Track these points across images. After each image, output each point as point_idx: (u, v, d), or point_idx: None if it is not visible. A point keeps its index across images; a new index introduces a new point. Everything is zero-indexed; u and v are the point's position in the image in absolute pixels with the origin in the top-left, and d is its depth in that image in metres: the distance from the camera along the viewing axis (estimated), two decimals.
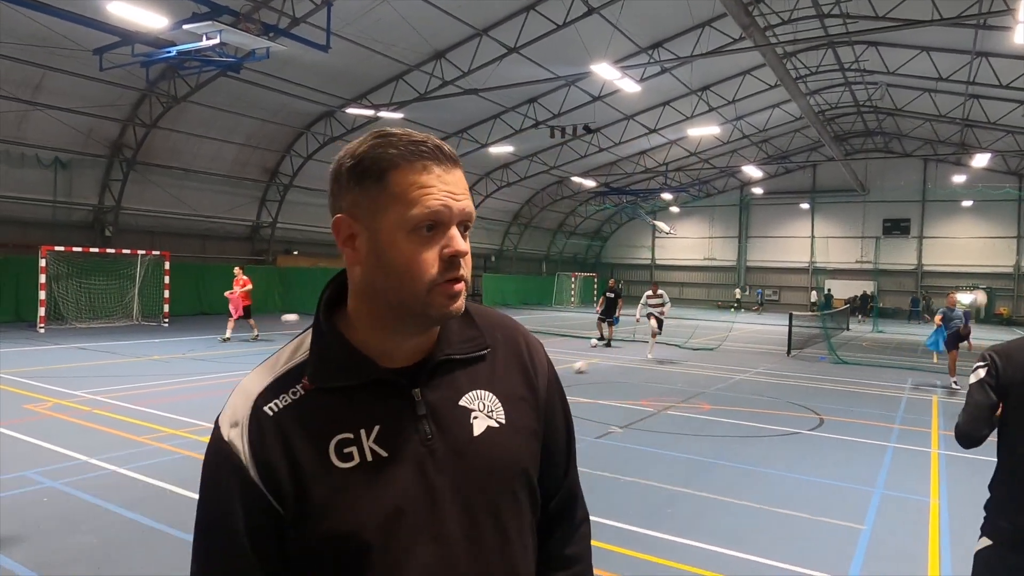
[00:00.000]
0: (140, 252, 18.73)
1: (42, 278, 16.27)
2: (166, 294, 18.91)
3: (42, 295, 16.22)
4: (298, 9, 15.19)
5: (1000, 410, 2.31)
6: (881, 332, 25.21)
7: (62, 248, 17.25)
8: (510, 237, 39.33)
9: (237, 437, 0.95)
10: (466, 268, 0.97)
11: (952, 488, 5.88)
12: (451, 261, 0.95)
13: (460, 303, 0.97)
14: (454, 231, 0.95)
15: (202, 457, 1.02)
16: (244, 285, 15.36)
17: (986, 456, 7.15)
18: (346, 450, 0.95)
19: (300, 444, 0.94)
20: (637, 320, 15.93)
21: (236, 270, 15.79)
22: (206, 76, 17.57)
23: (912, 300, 35.72)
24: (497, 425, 1.03)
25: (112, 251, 18.46)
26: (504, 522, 1.02)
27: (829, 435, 7.71)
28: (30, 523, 4.38)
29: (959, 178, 31.94)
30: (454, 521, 0.98)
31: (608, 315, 17.18)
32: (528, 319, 25.61)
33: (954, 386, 11.49)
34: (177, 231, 22.41)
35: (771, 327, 24.93)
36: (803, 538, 4.66)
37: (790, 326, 16.90)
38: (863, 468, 6.43)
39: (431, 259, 0.94)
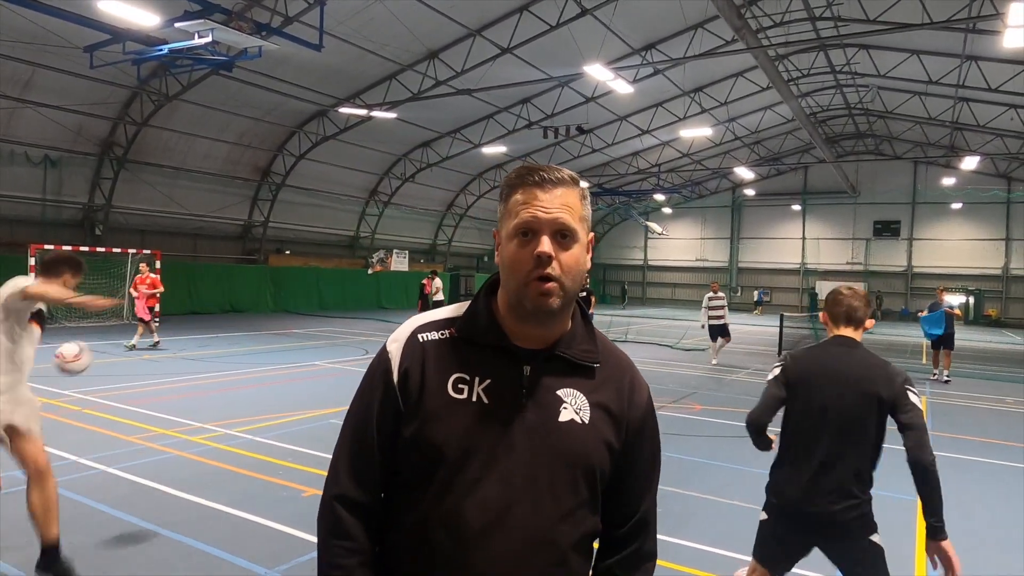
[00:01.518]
0: (131, 251, 18.61)
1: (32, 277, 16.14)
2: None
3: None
4: (291, 8, 15.14)
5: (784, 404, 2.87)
6: (870, 334, 25.37)
7: (52, 247, 17.11)
8: None
9: (395, 350, 1.27)
10: (562, 272, 1.18)
11: None
12: (538, 260, 1.17)
13: (552, 301, 1.18)
14: (544, 237, 1.18)
15: (193, 457, 1.04)
16: (153, 286, 13.37)
17: (973, 457, 7.18)
18: (460, 386, 1.22)
19: (432, 368, 1.23)
20: (703, 327, 14.61)
21: (142, 266, 13.65)
22: (198, 74, 17.49)
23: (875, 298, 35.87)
24: (580, 422, 1.24)
25: (102, 250, 18.35)
26: (560, 497, 1.21)
27: None
28: (19, 524, 4.36)
29: (949, 180, 32.17)
30: (520, 475, 1.19)
31: None
32: None
33: (942, 379, 12.42)
34: (168, 230, 22.30)
35: (762, 328, 25.04)
36: None
37: (781, 327, 16.98)
38: None
39: (526, 258, 1.18)
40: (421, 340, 1.26)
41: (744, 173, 33.39)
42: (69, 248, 17.17)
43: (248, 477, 5.50)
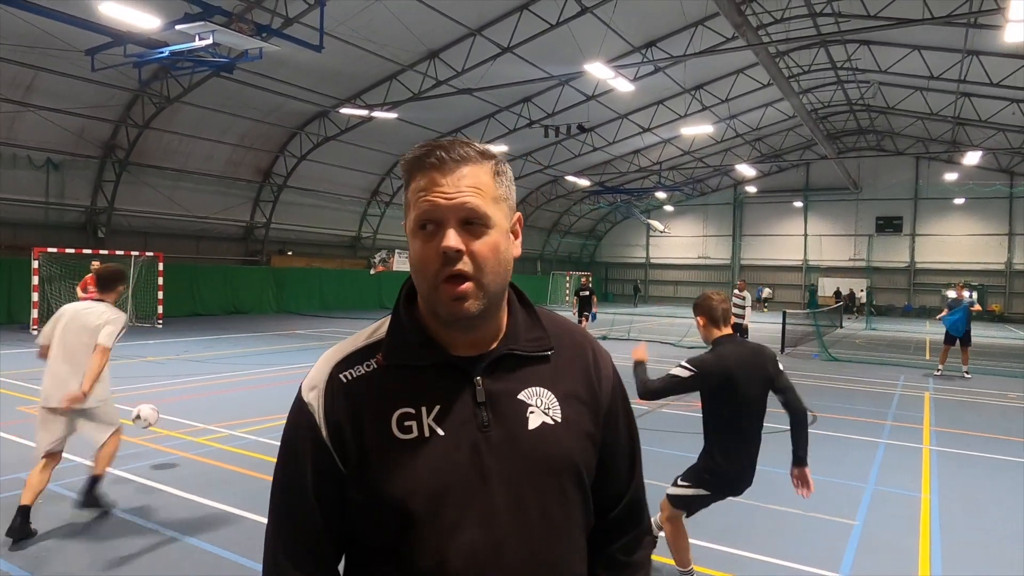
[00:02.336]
0: (134, 253, 18.66)
1: (35, 280, 16.20)
2: (160, 295, 18.85)
3: (35, 297, 16.15)
4: (291, 9, 15.16)
5: (703, 397, 3.49)
6: (874, 329, 25.33)
7: (55, 250, 17.17)
8: None
9: (314, 399, 1.06)
10: (475, 267, 0.99)
11: (943, 483, 5.93)
12: (444, 256, 0.98)
13: (467, 306, 1.00)
14: (449, 230, 0.99)
15: (197, 458, 1.05)
16: None
17: (977, 452, 7.18)
18: (407, 423, 1.02)
19: (367, 411, 1.03)
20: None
21: (95, 265, 12.01)
22: (199, 76, 17.51)
23: (835, 294, 35.73)
24: (552, 422, 1.08)
25: (105, 252, 18.39)
26: (551, 514, 1.06)
27: (822, 432, 7.75)
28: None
29: (951, 176, 32.12)
30: (502, 506, 1.02)
31: (584, 311, 17.33)
32: None
33: (966, 375, 12.52)
34: (171, 232, 22.34)
35: (765, 325, 25.01)
36: (795, 534, 4.70)
37: (783, 324, 16.96)
38: (855, 464, 6.47)
39: (431, 255, 0.99)
40: (345, 380, 1.05)
41: (746, 170, 33.38)
42: (72, 251, 17.24)
43: (253, 478, 5.52)
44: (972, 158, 27.54)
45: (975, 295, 13.88)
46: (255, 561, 3.93)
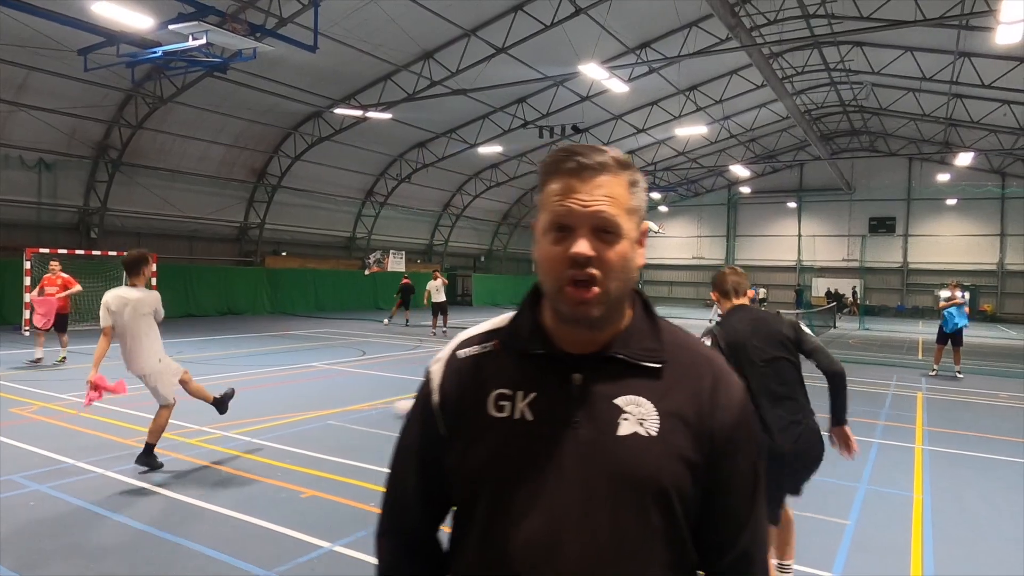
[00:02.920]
0: (126, 254, 18.56)
1: (27, 281, 16.11)
2: None
3: (27, 298, 16.04)
4: (285, 9, 15.13)
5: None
6: (867, 330, 25.43)
7: (47, 250, 17.08)
8: (499, 237, 39.36)
9: (436, 371, 1.17)
10: (603, 274, 1.02)
11: (935, 482, 5.96)
12: (573, 261, 1.02)
13: (592, 311, 1.03)
14: (580, 236, 1.02)
15: (190, 459, 1.06)
16: (65, 286, 11.16)
17: (969, 452, 7.22)
18: (501, 403, 1.08)
19: (471, 385, 1.12)
20: (711, 322, 15.06)
21: (53, 265, 11.54)
22: (192, 76, 17.46)
23: (827, 294, 35.87)
24: (645, 435, 1.04)
25: (98, 253, 18.32)
26: (623, 529, 1.01)
27: None
28: (17, 527, 4.36)
29: (943, 177, 32.29)
30: (570, 504, 1.02)
31: None
32: None
33: (958, 375, 12.65)
34: (164, 232, 22.25)
35: None
36: None
37: None
38: (848, 464, 6.47)
39: (560, 257, 1.03)
40: (461, 357, 1.15)
41: (740, 171, 33.43)
42: (65, 251, 17.16)
43: (246, 479, 5.50)
44: (964, 159, 27.68)
45: (967, 295, 13.98)
46: (247, 562, 3.92)
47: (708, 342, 3.43)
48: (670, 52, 20.21)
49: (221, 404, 6.27)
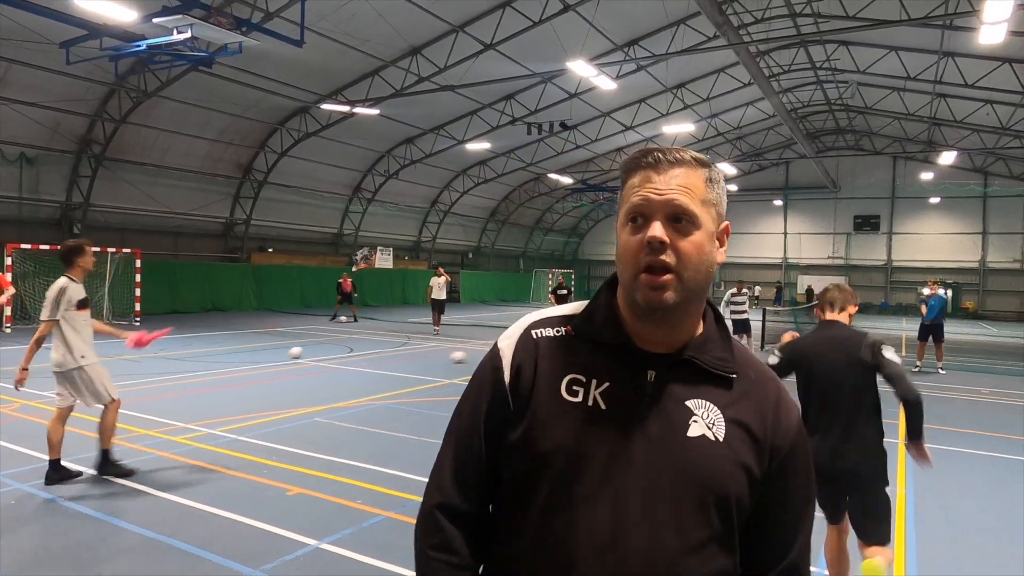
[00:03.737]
0: (110, 250, 18.36)
1: (8, 277, 15.87)
2: (137, 292, 18.58)
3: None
4: (271, 3, 15.01)
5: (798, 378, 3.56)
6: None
7: (29, 246, 16.87)
8: (487, 234, 39.29)
9: (506, 347, 1.16)
10: (678, 261, 1.03)
11: (918, 479, 6.03)
12: (648, 246, 1.03)
13: (666, 296, 1.03)
14: (655, 222, 1.04)
15: (175, 457, 1.04)
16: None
17: (951, 447, 7.29)
18: (575, 388, 1.09)
19: (545, 366, 1.12)
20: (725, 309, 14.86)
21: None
22: (177, 71, 17.28)
23: (807, 292, 36.05)
24: (713, 439, 1.06)
25: None
26: (686, 527, 1.03)
27: None
28: (17, 528, 4.30)
29: (927, 175, 32.65)
30: (636, 497, 1.03)
31: None
32: (505, 316, 25.65)
33: (940, 371, 12.80)
34: (148, 228, 22.03)
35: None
36: None
37: (764, 321, 17.14)
38: None
39: (636, 245, 1.05)
40: (535, 336, 1.15)
41: (726, 168, 33.58)
42: (47, 247, 16.94)
43: (232, 476, 5.47)
44: (947, 158, 28.00)
45: (949, 292, 14.21)
46: (234, 560, 3.90)
47: (776, 358, 3.58)
48: (658, 50, 20.26)
49: (103, 460, 5.48)
